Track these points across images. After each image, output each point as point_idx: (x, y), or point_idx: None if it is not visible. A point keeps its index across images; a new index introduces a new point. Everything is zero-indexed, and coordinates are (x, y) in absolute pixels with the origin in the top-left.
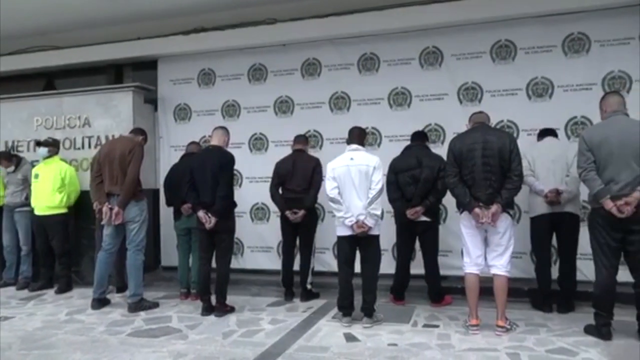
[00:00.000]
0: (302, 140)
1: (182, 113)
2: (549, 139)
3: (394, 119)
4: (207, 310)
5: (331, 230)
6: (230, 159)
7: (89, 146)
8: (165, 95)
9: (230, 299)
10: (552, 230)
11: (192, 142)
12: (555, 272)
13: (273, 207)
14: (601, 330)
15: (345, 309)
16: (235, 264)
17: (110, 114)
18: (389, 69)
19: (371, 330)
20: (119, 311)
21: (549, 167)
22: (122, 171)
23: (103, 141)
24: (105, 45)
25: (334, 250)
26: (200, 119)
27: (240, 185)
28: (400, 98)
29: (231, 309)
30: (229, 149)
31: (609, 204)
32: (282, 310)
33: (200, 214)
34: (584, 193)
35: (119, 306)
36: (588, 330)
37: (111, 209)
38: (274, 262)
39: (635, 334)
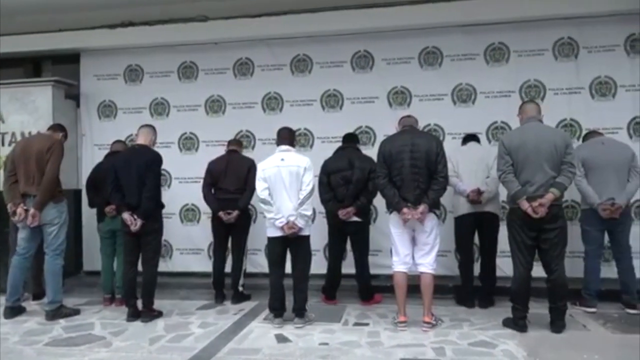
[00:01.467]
0: (236, 142)
1: (107, 110)
2: (472, 144)
3: (326, 121)
4: (133, 315)
5: (263, 231)
6: (157, 159)
7: (2, 144)
8: (88, 91)
9: (158, 304)
10: (474, 229)
11: (117, 141)
12: (477, 269)
13: (204, 208)
14: (518, 322)
15: (277, 310)
16: (163, 267)
17: (26, 110)
18: (321, 71)
19: (303, 330)
20: (36, 319)
21: (471, 169)
22: (39, 170)
23: (18, 138)
24: (22, 36)
25: (266, 251)
26: (126, 117)
27: (169, 186)
28: (332, 100)
29: (159, 314)
30: (156, 149)
31: (524, 205)
32: (212, 313)
33: (126, 215)
34: (504, 194)
35: (36, 314)
36: (506, 323)
37: (27, 211)
38: (204, 265)
39: (547, 325)
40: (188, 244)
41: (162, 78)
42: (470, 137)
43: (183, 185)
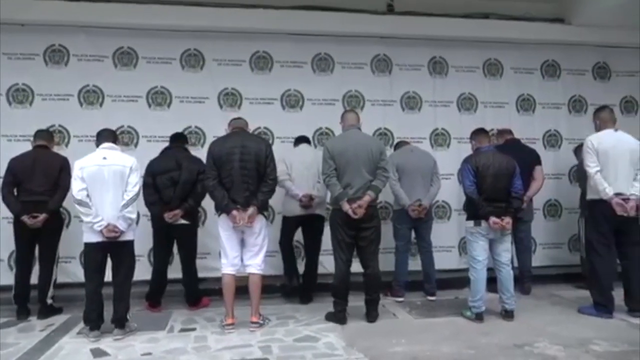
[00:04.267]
0: (44, 135)
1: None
2: (303, 146)
3: (153, 119)
4: None
5: (77, 236)
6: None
7: None
8: None
9: None
10: (297, 229)
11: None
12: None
13: (4, 212)
14: (339, 315)
15: (93, 322)
16: None
17: None
18: (148, 66)
19: (123, 341)
20: None
21: (303, 172)
22: None
23: None
24: None
25: (81, 259)
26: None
27: None
28: (159, 98)
29: None
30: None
31: (345, 206)
32: (13, 332)
33: None
34: (327, 196)
35: None
36: (328, 317)
37: None
38: (4, 277)
39: (364, 316)
40: None
41: (24, 61)
42: (301, 139)
43: None
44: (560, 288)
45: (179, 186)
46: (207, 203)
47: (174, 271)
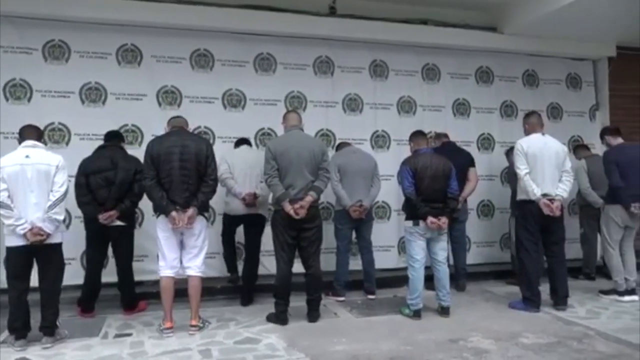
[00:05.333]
0: None
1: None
2: (244, 147)
3: (87, 116)
4: None
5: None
6: None
7: None
8: None
9: None
10: (236, 228)
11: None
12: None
13: None
14: (280, 316)
15: (18, 331)
16: None
17: None
18: (81, 60)
19: (52, 350)
20: None
21: (246, 172)
22: None
23: None
24: None
25: (4, 264)
26: None
27: None
28: (94, 94)
29: None
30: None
31: (287, 207)
32: None
33: None
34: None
35: None
36: (270, 318)
37: None
38: None
39: (305, 316)
40: None
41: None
42: (242, 141)
43: None
44: (493, 284)
45: (114, 186)
46: (145, 204)
47: (109, 275)
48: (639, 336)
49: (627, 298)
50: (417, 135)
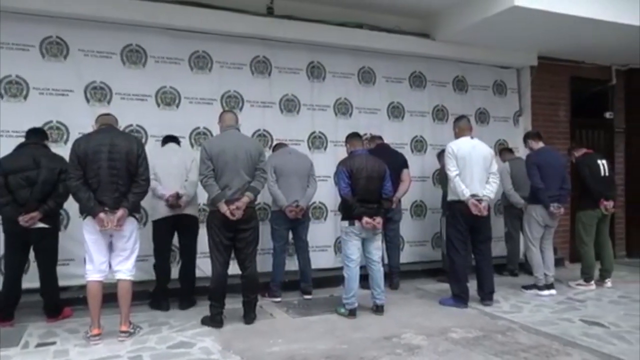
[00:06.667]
0: None
1: None
2: (171, 145)
3: (8, 113)
4: None
5: None
6: None
7: None
8: None
9: None
10: (173, 232)
11: None
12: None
13: None
14: (215, 319)
15: None
16: None
17: None
18: (3, 52)
19: None
20: None
21: (170, 172)
22: None
23: None
24: None
25: None
26: None
27: None
28: (14, 88)
29: None
30: None
31: (223, 208)
32: None
33: None
34: (203, 197)
35: None
36: (204, 321)
37: None
38: None
39: (241, 318)
40: None
41: None
42: (169, 139)
43: None
44: (425, 282)
45: (37, 186)
46: (70, 204)
47: (30, 280)
48: (556, 328)
49: (546, 292)
50: (353, 137)
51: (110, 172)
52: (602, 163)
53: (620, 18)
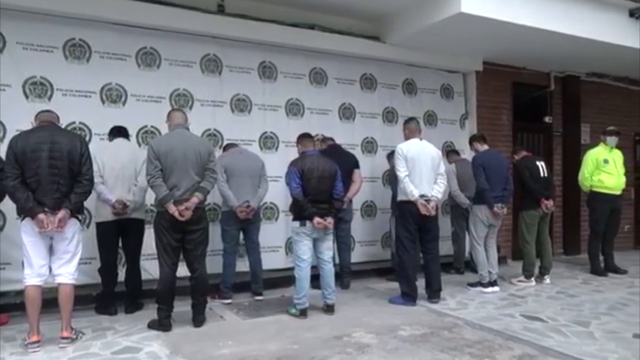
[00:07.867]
0: None
1: None
2: (119, 140)
3: None
4: None
5: None
6: None
7: None
8: None
9: None
10: (118, 234)
11: None
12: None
13: None
14: (163, 322)
15: None
16: None
17: None
18: None
19: None
20: None
21: (117, 173)
22: None
23: None
24: None
25: None
26: None
27: None
28: None
29: None
30: None
31: (171, 208)
32: None
33: None
34: (150, 198)
35: None
36: (151, 325)
37: None
38: None
39: (190, 321)
40: None
41: None
42: (118, 131)
43: None
44: (375, 281)
45: None
46: (7, 205)
47: None
48: (499, 323)
49: (489, 289)
50: (305, 137)
51: (51, 172)
52: (541, 165)
53: (559, 28)
